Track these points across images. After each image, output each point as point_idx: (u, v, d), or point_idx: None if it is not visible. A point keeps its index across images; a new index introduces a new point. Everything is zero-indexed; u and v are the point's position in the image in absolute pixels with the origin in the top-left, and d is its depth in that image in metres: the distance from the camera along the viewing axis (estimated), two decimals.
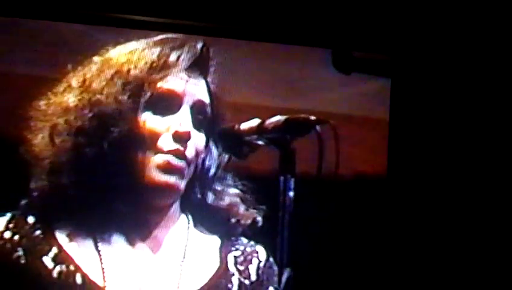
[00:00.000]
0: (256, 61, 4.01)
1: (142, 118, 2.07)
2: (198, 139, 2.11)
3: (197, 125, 2.11)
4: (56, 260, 2.06)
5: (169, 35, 2.16)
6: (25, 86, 3.58)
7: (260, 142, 1.96)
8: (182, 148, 2.07)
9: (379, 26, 4.21)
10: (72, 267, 2.05)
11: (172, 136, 2.07)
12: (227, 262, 2.16)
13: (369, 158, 4.30)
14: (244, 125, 1.98)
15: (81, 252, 2.07)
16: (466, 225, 4.19)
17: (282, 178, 1.87)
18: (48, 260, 2.05)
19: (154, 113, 2.08)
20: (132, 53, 2.12)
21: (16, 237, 2.08)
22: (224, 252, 2.17)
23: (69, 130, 2.06)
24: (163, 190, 2.07)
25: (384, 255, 4.21)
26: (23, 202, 2.12)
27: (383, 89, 4.30)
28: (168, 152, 2.06)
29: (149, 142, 2.06)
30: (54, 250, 2.07)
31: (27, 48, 3.98)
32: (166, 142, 2.06)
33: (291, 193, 1.86)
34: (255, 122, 1.96)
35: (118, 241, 2.09)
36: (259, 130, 1.95)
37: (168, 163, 2.06)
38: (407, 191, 4.23)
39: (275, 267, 2.12)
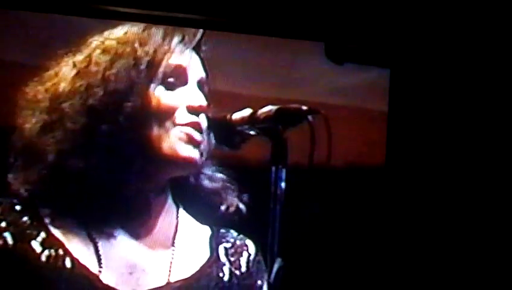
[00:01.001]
0: (248, 51, 4.00)
1: (155, 94, 2.06)
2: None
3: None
4: (44, 244, 2.04)
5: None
6: (19, 74, 3.58)
7: (252, 132, 1.96)
8: (198, 120, 2.07)
9: (377, 17, 4.21)
10: (61, 252, 2.03)
11: (187, 109, 2.07)
12: (218, 252, 2.17)
13: (363, 149, 4.30)
14: (236, 116, 1.98)
15: (72, 237, 2.06)
16: (464, 217, 4.19)
17: (273, 168, 1.86)
18: (36, 244, 2.04)
19: (166, 88, 2.08)
20: (134, 33, 2.12)
21: (3, 224, 2.06)
22: (215, 242, 2.17)
23: (79, 111, 2.04)
24: (182, 162, 2.07)
25: (379, 246, 4.21)
26: (21, 190, 2.09)
27: (380, 79, 4.30)
28: (187, 125, 2.06)
29: (165, 116, 2.06)
30: (42, 235, 2.05)
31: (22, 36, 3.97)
32: (182, 116, 2.07)
33: (282, 184, 1.86)
34: (246, 112, 1.96)
35: (112, 227, 2.08)
36: (251, 120, 1.95)
37: (189, 136, 2.06)
38: (405, 183, 4.23)
39: (263, 262, 2.14)
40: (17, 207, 2.08)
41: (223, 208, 2.18)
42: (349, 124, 4.20)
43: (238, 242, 2.20)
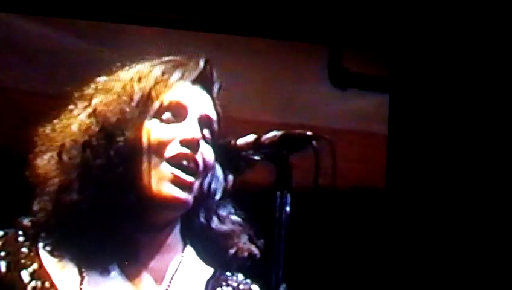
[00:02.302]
0: (251, 77, 4.02)
1: (148, 127, 2.06)
2: (206, 151, 2.09)
3: (205, 138, 2.10)
4: (34, 275, 2.06)
5: (173, 58, 2.17)
6: (30, 105, 3.60)
7: (257, 158, 1.96)
8: (190, 153, 2.05)
9: (378, 39, 4.23)
10: (47, 284, 2.05)
11: (180, 142, 2.06)
12: None
13: (366, 173, 4.30)
14: (241, 141, 1.98)
15: (63, 271, 2.07)
16: (464, 238, 4.19)
17: (278, 193, 1.87)
18: (25, 274, 2.06)
19: (161, 121, 2.07)
20: (137, 72, 2.13)
21: (2, 253, 2.09)
22: (211, 285, 2.15)
23: (77, 146, 2.06)
24: (171, 203, 2.05)
25: (382, 268, 4.20)
26: (25, 221, 2.12)
27: (380, 104, 4.31)
28: (177, 156, 2.04)
29: (156, 150, 2.05)
30: (34, 266, 2.07)
31: (30, 67, 4.00)
32: (173, 150, 2.05)
33: (287, 208, 1.86)
34: (251, 137, 1.97)
35: (104, 264, 2.07)
36: (256, 145, 1.95)
37: (176, 176, 2.04)
38: (405, 205, 4.23)
39: None
40: (20, 238, 2.11)
41: (232, 251, 2.15)
42: (353, 148, 4.21)
43: (241, 286, 2.17)
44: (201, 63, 2.15)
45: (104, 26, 4.04)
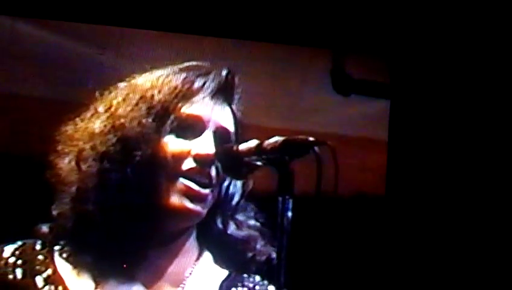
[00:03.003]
0: (254, 82, 4.02)
1: (165, 141, 2.07)
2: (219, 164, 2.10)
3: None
4: (47, 280, 2.08)
5: (194, 63, 2.17)
6: (53, 110, 3.61)
7: (259, 163, 1.97)
8: (203, 169, 2.06)
9: (380, 45, 4.23)
10: (60, 288, 2.07)
11: (193, 159, 2.07)
12: None
13: (368, 179, 4.30)
14: (243, 146, 1.98)
15: (77, 277, 2.09)
16: (465, 244, 4.19)
17: (280, 199, 1.87)
18: (39, 279, 2.08)
19: (177, 136, 2.08)
20: (157, 79, 2.13)
21: (19, 262, 2.11)
22: (225, 285, 2.16)
23: (95, 155, 2.07)
24: (184, 215, 2.07)
25: (383, 274, 4.20)
26: (43, 228, 2.14)
27: (382, 110, 4.31)
28: (190, 170, 2.06)
29: (171, 165, 2.06)
30: (49, 271, 2.09)
31: (55, 73, 4.01)
32: (187, 165, 2.06)
33: (289, 214, 1.86)
34: (253, 143, 1.97)
35: (118, 272, 2.09)
36: (258, 151, 1.95)
37: (190, 189, 2.06)
38: (406, 211, 4.23)
39: None
40: (37, 247, 2.14)
41: (249, 255, 2.17)
42: (355, 154, 4.21)
43: (257, 287, 2.18)
44: (224, 74, 2.15)
45: (110, 31, 4.05)
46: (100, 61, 3.95)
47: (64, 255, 2.11)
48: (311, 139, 1.88)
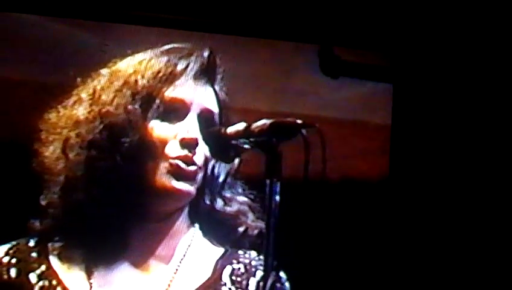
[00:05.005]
0: (242, 65, 4.01)
1: (151, 127, 2.08)
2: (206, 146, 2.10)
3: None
4: (41, 276, 2.09)
5: (176, 45, 2.17)
6: (34, 96, 3.59)
7: (246, 146, 1.96)
8: (189, 154, 2.07)
9: (380, 32, 4.22)
10: (54, 282, 2.07)
11: (179, 143, 2.07)
12: (221, 273, 2.15)
13: (356, 163, 4.30)
14: (230, 129, 1.98)
15: (70, 269, 2.10)
16: (467, 230, 4.19)
17: (268, 182, 1.86)
18: (33, 276, 2.09)
19: (162, 120, 2.09)
20: (140, 63, 2.13)
21: (13, 260, 2.12)
22: (221, 263, 2.16)
23: (82, 143, 2.07)
24: (174, 195, 2.08)
25: (375, 259, 4.21)
26: (35, 223, 2.14)
27: (371, 93, 4.31)
28: (177, 158, 2.06)
29: (158, 149, 2.07)
30: (42, 268, 2.10)
31: (36, 56, 3.98)
32: (174, 149, 2.07)
33: (277, 197, 1.86)
34: (241, 126, 1.96)
35: (111, 259, 2.09)
36: (246, 133, 1.94)
37: (178, 167, 2.06)
38: (408, 195, 4.23)
39: (286, 286, 2.15)
40: (31, 243, 2.14)
41: (241, 230, 2.17)
42: (344, 137, 4.21)
43: (253, 263, 2.18)
44: (206, 55, 2.15)
45: (107, 25, 4.04)
46: (81, 44, 3.93)
47: (57, 249, 2.11)
48: (299, 121, 1.88)
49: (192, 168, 2.08)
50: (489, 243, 4.17)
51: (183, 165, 2.07)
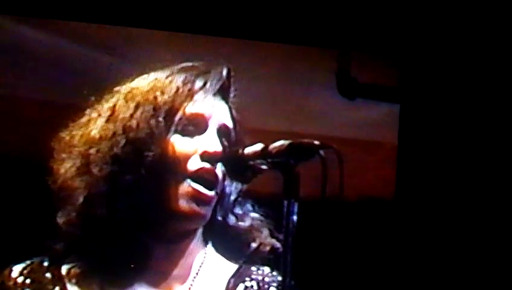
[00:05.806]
0: (260, 86, 4.02)
1: (172, 141, 2.09)
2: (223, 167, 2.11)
3: (224, 149, 2.13)
4: None
5: (190, 64, 2.19)
6: (49, 115, 3.61)
7: (264, 167, 1.97)
8: (210, 167, 2.08)
9: (389, 48, 4.23)
10: None
11: (200, 157, 2.09)
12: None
13: (373, 183, 4.30)
14: (248, 150, 1.99)
15: (85, 289, 2.10)
16: (474, 250, 4.18)
17: (286, 202, 1.87)
18: None
19: (183, 135, 2.10)
20: (158, 81, 2.15)
21: (28, 281, 2.12)
22: (233, 281, 2.16)
23: (104, 159, 2.08)
24: (193, 218, 2.09)
25: (389, 278, 4.20)
26: (51, 243, 2.14)
27: (388, 114, 4.31)
28: (198, 171, 2.07)
29: (179, 164, 2.08)
30: (57, 289, 2.10)
31: (49, 75, 4.00)
32: (195, 163, 2.08)
33: (294, 217, 1.86)
34: (258, 146, 1.97)
35: (127, 280, 2.10)
36: (263, 154, 1.95)
37: (199, 193, 2.08)
38: (415, 216, 4.22)
39: None
40: (45, 263, 2.14)
41: (253, 245, 2.17)
42: (360, 157, 4.21)
43: (266, 279, 2.18)
44: (224, 73, 2.18)
45: (115, 30, 4.05)
46: (93, 63, 3.94)
47: (73, 269, 2.11)
48: (316, 142, 1.88)
49: (212, 193, 2.09)
50: (501, 257, 4.16)
51: (204, 191, 2.08)
